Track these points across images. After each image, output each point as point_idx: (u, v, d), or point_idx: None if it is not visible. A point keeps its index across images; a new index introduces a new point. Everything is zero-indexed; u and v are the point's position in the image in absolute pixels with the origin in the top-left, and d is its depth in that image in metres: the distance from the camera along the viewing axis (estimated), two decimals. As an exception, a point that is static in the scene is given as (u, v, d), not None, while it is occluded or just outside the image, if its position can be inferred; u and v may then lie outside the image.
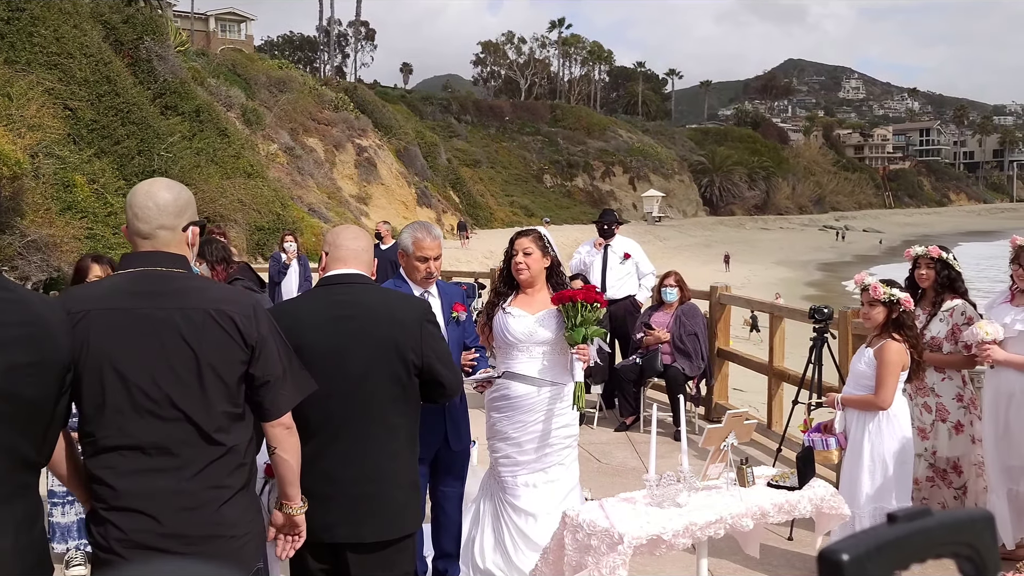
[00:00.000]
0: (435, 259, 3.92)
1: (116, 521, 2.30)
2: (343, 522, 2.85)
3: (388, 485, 2.90)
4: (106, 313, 2.29)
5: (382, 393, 2.90)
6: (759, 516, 3.61)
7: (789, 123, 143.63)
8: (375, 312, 2.95)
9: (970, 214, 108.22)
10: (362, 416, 2.88)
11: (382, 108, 53.30)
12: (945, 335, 4.95)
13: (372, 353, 2.88)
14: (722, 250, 51.15)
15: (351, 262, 3.03)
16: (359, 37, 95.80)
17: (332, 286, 3.01)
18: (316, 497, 2.83)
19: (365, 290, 3.01)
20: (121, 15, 26.40)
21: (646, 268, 8.57)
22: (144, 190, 2.42)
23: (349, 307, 2.94)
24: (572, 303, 4.00)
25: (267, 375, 2.39)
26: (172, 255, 2.37)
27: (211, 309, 2.32)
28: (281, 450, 2.52)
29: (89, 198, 18.69)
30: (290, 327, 2.85)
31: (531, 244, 4.21)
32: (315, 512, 2.82)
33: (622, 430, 7.75)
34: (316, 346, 2.85)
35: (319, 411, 2.83)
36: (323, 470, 2.84)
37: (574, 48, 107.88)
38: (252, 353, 2.36)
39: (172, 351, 2.28)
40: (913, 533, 0.71)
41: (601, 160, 78.14)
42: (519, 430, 4.09)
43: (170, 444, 2.29)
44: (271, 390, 2.41)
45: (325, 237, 3.22)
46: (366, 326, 2.91)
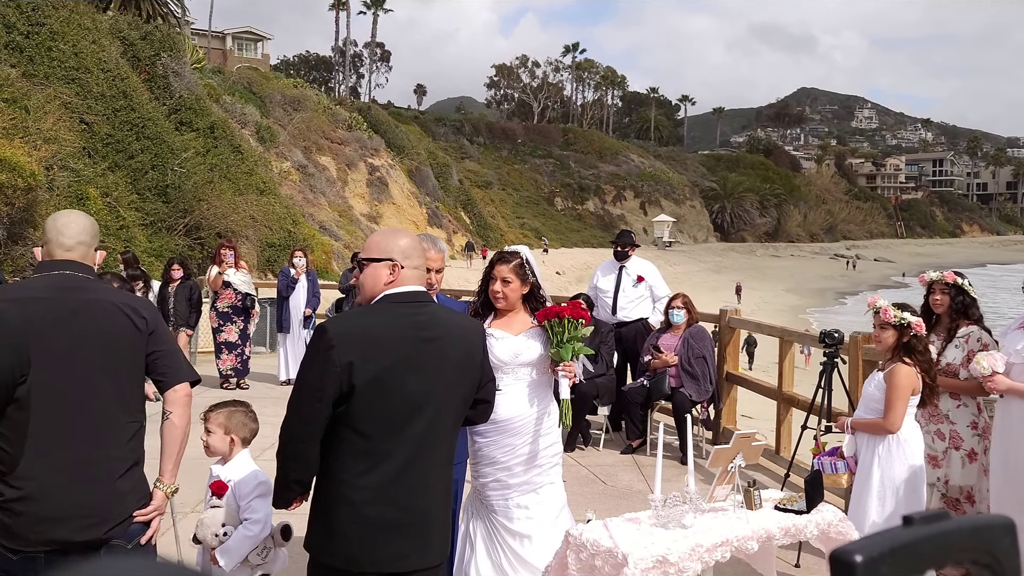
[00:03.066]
0: (436, 271, 3.86)
1: None
2: (415, 551, 2.75)
3: (445, 509, 2.86)
4: (36, 302, 2.86)
5: (453, 415, 2.83)
6: (765, 539, 3.55)
7: (801, 151, 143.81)
8: (452, 333, 2.83)
9: (983, 245, 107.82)
10: (436, 442, 2.79)
11: (395, 128, 53.61)
12: (961, 361, 4.89)
13: (451, 375, 2.78)
14: (732, 276, 51.09)
15: (412, 278, 2.84)
16: (374, 58, 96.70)
17: (407, 304, 2.80)
18: (387, 527, 2.71)
19: (436, 309, 2.86)
20: (139, 32, 26.67)
21: (661, 291, 8.47)
22: (67, 215, 3.10)
23: (430, 327, 2.78)
24: (558, 319, 3.89)
25: (162, 349, 3.01)
26: (86, 266, 3.00)
27: (118, 303, 2.97)
28: (175, 416, 3.01)
29: (102, 211, 18.78)
30: (369, 350, 2.67)
31: (510, 273, 4.01)
32: (386, 542, 2.70)
33: (628, 452, 7.68)
34: (398, 369, 2.69)
35: (398, 439, 2.72)
36: (397, 499, 2.72)
37: (587, 73, 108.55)
38: (149, 336, 2.98)
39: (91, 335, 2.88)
40: (930, 537, 0.68)
41: (612, 184, 78.32)
42: (508, 454, 3.98)
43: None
44: (167, 361, 3.02)
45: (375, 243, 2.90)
46: (444, 348, 2.79)
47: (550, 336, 3.94)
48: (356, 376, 2.62)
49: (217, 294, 10.65)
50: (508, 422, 3.98)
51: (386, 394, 2.66)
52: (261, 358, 12.97)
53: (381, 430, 2.64)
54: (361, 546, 2.70)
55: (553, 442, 4.09)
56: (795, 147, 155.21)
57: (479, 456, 4.07)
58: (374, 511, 2.64)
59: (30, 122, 17.95)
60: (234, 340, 10.64)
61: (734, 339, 8.22)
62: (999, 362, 4.41)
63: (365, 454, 2.68)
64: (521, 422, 3.99)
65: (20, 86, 19.19)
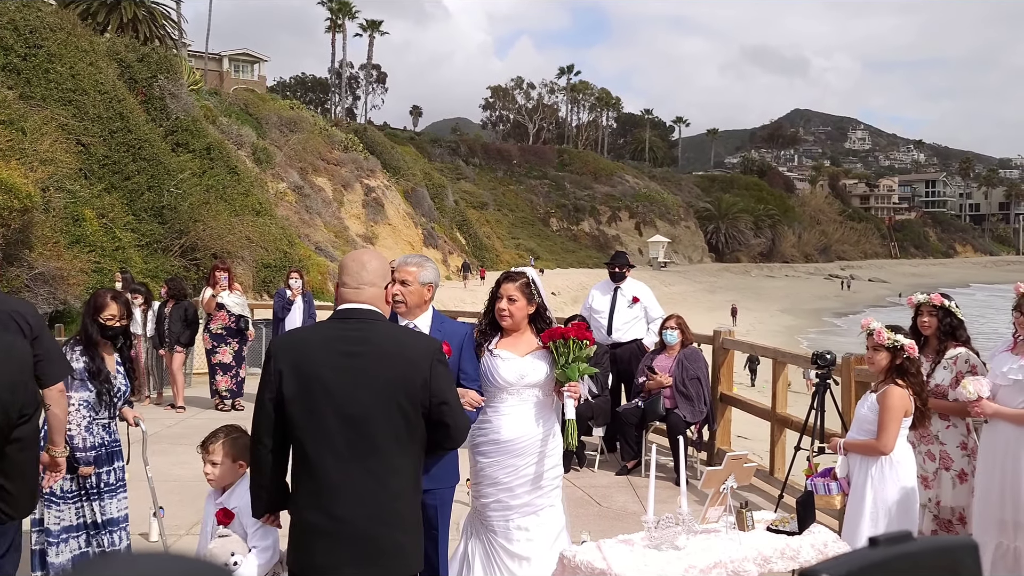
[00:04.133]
0: (402, 283, 3.82)
1: None
2: (349, 562, 2.77)
3: (394, 527, 2.84)
4: None
5: (388, 432, 2.84)
6: (761, 561, 3.56)
7: (795, 172, 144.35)
8: (385, 349, 2.90)
9: (976, 266, 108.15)
10: (368, 454, 2.82)
11: (391, 149, 53.79)
12: (950, 383, 4.93)
13: (381, 391, 2.83)
14: (727, 296, 51.10)
15: (364, 296, 2.96)
16: (370, 80, 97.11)
17: (344, 320, 2.95)
18: (320, 535, 2.78)
19: (376, 327, 2.95)
20: (136, 54, 26.81)
21: (655, 312, 8.50)
22: None
23: (359, 343, 2.88)
24: (563, 340, 3.92)
25: (42, 352, 3.58)
26: None
27: (8, 310, 3.61)
28: (55, 407, 3.82)
29: (98, 232, 18.81)
30: (298, 361, 2.88)
31: (516, 291, 4.07)
32: (317, 550, 2.76)
33: (623, 473, 7.68)
34: (324, 381, 2.81)
35: (326, 447, 2.79)
36: (328, 507, 2.79)
37: (582, 94, 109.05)
38: (33, 339, 3.56)
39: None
40: (895, 557, 0.71)
41: (607, 205, 78.53)
42: (511, 475, 3.99)
43: None
44: (47, 363, 3.62)
45: (341, 263, 3.15)
46: (376, 364, 2.86)
47: (555, 357, 3.98)
48: (286, 385, 2.83)
49: (211, 316, 10.67)
50: (512, 442, 3.99)
51: (310, 403, 2.81)
52: (257, 379, 12.92)
53: (311, 438, 2.79)
54: (304, 554, 2.82)
55: (555, 464, 4.10)
56: (789, 168, 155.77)
57: (481, 476, 4.07)
58: (310, 517, 2.79)
59: (27, 143, 18.00)
60: (228, 361, 10.65)
61: (728, 360, 8.25)
62: (984, 387, 4.45)
63: (303, 461, 2.84)
64: (525, 443, 4.00)
65: (17, 108, 19.26)
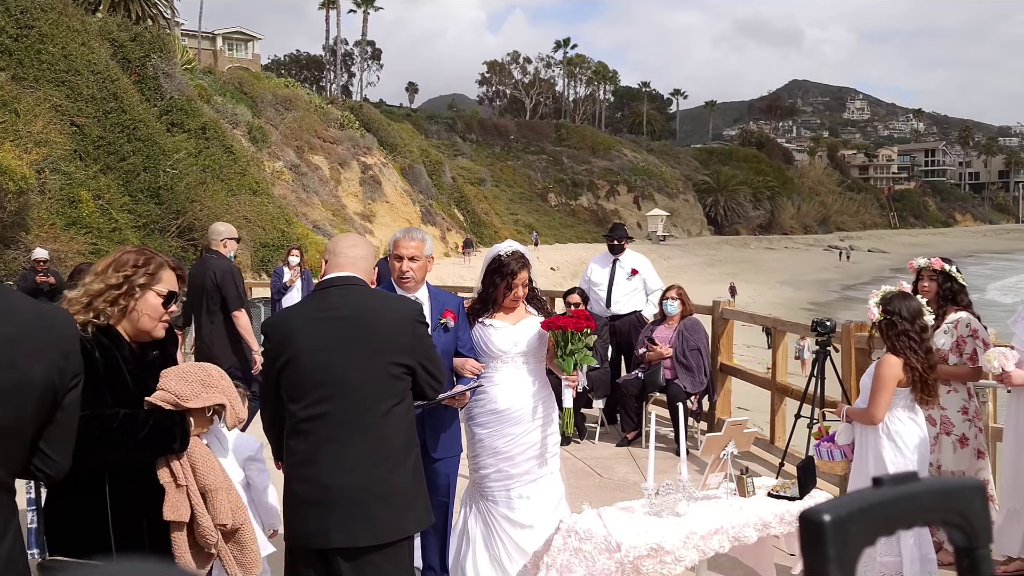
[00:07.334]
0: (410, 259, 3.89)
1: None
2: (337, 527, 2.81)
3: (383, 490, 2.86)
4: None
5: (373, 395, 2.88)
6: (761, 527, 3.56)
7: (794, 143, 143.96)
8: (365, 313, 2.96)
9: (976, 235, 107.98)
10: (354, 419, 2.86)
11: (387, 127, 53.51)
12: (950, 347, 4.91)
13: (363, 354, 2.88)
14: (726, 269, 51.09)
15: (347, 267, 3.07)
16: (365, 57, 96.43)
17: (325, 289, 3.04)
18: (310, 503, 2.82)
19: (356, 291, 3.03)
20: (129, 33, 26.59)
21: (654, 284, 8.49)
22: None
23: (339, 308, 2.95)
24: (563, 332, 3.96)
25: None
26: None
27: None
28: None
29: (94, 214, 18.75)
30: (283, 335, 2.97)
31: (527, 277, 4.17)
32: (308, 517, 2.81)
33: (624, 445, 7.69)
34: (306, 348, 2.88)
35: (311, 414, 2.83)
36: (316, 475, 2.83)
37: (579, 68, 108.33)
38: None
39: None
40: (899, 497, 0.68)
41: (605, 179, 78.28)
42: (510, 443, 4.02)
43: None
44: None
45: (326, 246, 3.28)
46: (357, 327, 2.91)
47: (556, 346, 4.03)
48: (278, 357, 2.94)
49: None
50: (509, 411, 4.04)
51: (299, 372, 2.89)
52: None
53: (303, 408, 2.87)
54: (293, 521, 2.90)
55: (553, 431, 4.16)
56: (787, 139, 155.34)
57: (479, 447, 4.10)
58: (299, 488, 2.86)
59: (20, 125, 17.90)
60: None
61: (728, 330, 8.24)
62: (1009, 360, 4.39)
63: (295, 432, 2.90)
64: (522, 410, 4.05)
65: (10, 89, 19.13)
